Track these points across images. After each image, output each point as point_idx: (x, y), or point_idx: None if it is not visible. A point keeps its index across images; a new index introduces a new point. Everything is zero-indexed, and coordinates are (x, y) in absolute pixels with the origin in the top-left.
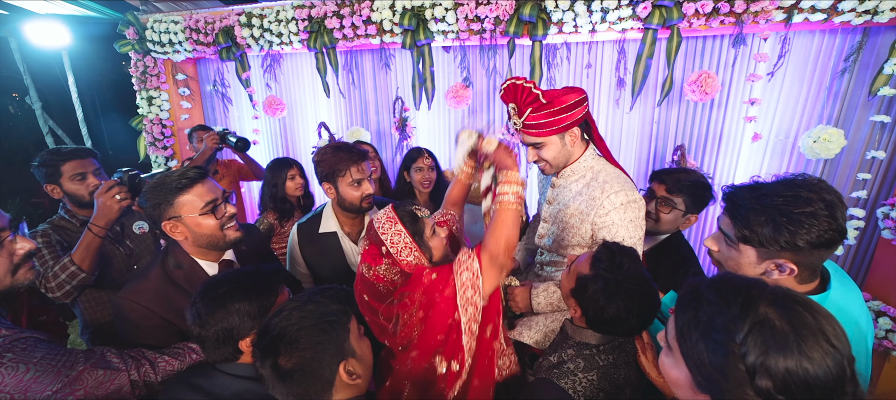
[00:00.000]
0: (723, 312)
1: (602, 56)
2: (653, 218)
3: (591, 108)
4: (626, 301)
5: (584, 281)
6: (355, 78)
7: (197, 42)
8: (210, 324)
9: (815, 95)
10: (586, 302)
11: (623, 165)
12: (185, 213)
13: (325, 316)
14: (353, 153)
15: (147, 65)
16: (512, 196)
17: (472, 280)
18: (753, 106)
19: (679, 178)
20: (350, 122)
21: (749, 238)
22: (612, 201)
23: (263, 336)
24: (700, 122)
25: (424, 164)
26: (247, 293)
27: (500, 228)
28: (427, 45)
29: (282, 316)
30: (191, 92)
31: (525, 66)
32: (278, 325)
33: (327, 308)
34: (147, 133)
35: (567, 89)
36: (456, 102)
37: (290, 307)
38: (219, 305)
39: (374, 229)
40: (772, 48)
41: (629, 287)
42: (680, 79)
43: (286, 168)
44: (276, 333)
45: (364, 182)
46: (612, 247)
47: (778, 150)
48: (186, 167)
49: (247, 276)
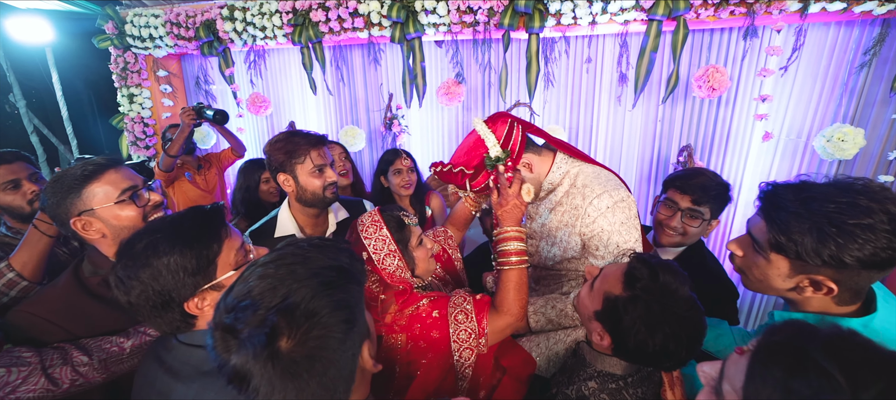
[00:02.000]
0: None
1: (603, 50)
2: (679, 232)
3: (591, 107)
4: (675, 329)
5: (617, 304)
6: (344, 74)
7: (178, 37)
8: (134, 288)
9: (830, 92)
10: (622, 331)
11: (625, 167)
12: (98, 204)
13: (343, 273)
14: (311, 137)
15: (127, 61)
16: (514, 258)
17: (467, 338)
18: (764, 103)
19: (704, 184)
20: (340, 120)
21: (784, 247)
22: (597, 207)
23: (239, 311)
24: (706, 121)
25: (403, 165)
26: (174, 242)
27: (511, 292)
28: (417, 39)
29: (268, 274)
30: (174, 89)
31: (521, 60)
32: (264, 291)
33: (340, 261)
34: (128, 132)
35: (479, 134)
36: (448, 99)
37: (281, 261)
38: (141, 264)
39: (357, 233)
40: (784, 41)
41: (678, 312)
42: (686, 74)
43: (259, 170)
44: (268, 303)
45: (327, 169)
46: (650, 261)
47: (789, 150)
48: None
49: (172, 221)
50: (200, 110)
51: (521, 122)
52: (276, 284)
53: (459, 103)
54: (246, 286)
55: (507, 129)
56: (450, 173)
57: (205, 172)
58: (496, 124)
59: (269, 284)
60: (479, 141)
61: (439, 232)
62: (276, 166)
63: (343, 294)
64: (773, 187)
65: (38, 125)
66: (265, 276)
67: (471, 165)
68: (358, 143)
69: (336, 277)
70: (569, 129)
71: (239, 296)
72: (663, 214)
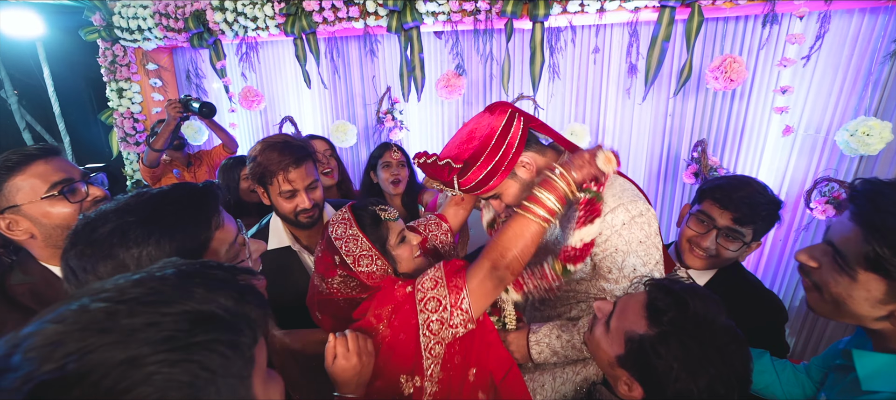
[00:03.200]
0: None
1: (611, 40)
2: (710, 254)
3: (598, 100)
4: (721, 369)
5: (644, 346)
6: (339, 67)
7: (167, 28)
8: (87, 284)
9: (852, 84)
10: (657, 378)
11: (634, 164)
12: (23, 200)
13: (209, 325)
14: (286, 155)
15: (116, 54)
16: (542, 211)
17: (439, 314)
18: (784, 95)
19: (751, 200)
20: (336, 115)
21: (885, 264)
22: (610, 224)
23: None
24: (720, 115)
25: (392, 158)
26: (150, 229)
27: (514, 238)
28: (415, 29)
29: (70, 318)
30: (164, 83)
31: (525, 51)
32: (44, 343)
33: (214, 303)
34: (118, 128)
35: (479, 118)
36: (448, 92)
37: (107, 294)
38: (102, 254)
39: (328, 233)
40: (804, 28)
41: (720, 347)
42: (698, 65)
43: (239, 167)
44: (35, 366)
45: (300, 194)
46: (672, 286)
47: (808, 145)
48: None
49: (151, 199)
50: (187, 103)
51: (524, 115)
52: (68, 335)
53: (460, 97)
54: (34, 328)
55: (506, 121)
56: (433, 166)
57: (194, 170)
58: (494, 113)
59: (56, 332)
60: (472, 133)
61: (431, 223)
62: (254, 178)
63: (193, 365)
64: (875, 185)
65: (31, 121)
66: (62, 318)
67: (461, 158)
68: (349, 139)
69: (187, 333)
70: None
71: (10, 344)
72: (694, 229)
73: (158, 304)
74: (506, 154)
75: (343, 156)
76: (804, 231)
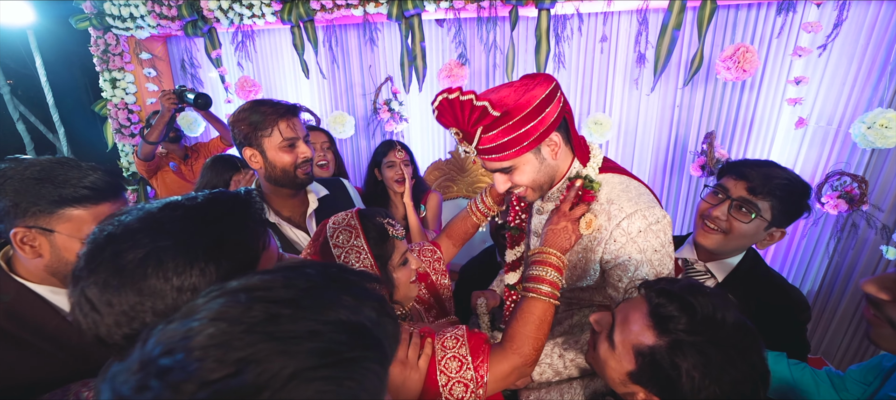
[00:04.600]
0: None
1: (619, 28)
2: (720, 227)
3: (604, 90)
4: (744, 370)
5: (657, 358)
6: (338, 56)
7: (160, 16)
8: (108, 316)
9: (866, 74)
10: (680, 390)
11: (639, 156)
12: (65, 231)
13: (362, 338)
14: (280, 105)
15: (108, 43)
16: (547, 288)
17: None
18: (798, 85)
19: (769, 173)
20: (335, 106)
21: None
22: (626, 230)
23: (155, 371)
24: (729, 106)
25: (397, 158)
26: (193, 254)
27: (529, 327)
28: (417, 16)
29: (228, 315)
30: (159, 73)
31: (530, 39)
32: (209, 345)
33: (362, 314)
34: (112, 119)
35: (527, 82)
36: (450, 83)
37: (260, 292)
38: (131, 283)
39: (325, 237)
40: (820, 15)
41: (739, 343)
42: (708, 55)
43: (230, 170)
44: (206, 371)
45: (299, 143)
46: (671, 289)
47: (819, 137)
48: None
49: (187, 214)
50: (181, 94)
51: (564, 97)
52: (234, 337)
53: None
54: (184, 327)
55: (549, 92)
56: (463, 105)
57: (192, 163)
58: (536, 83)
59: (221, 331)
60: (509, 94)
61: (426, 250)
62: (241, 139)
63: (353, 383)
64: None
65: (25, 112)
66: (222, 315)
67: (499, 106)
68: (346, 130)
69: (347, 346)
70: (579, 115)
71: (168, 342)
72: (708, 202)
73: (315, 309)
74: (540, 125)
75: (340, 147)
76: (813, 226)
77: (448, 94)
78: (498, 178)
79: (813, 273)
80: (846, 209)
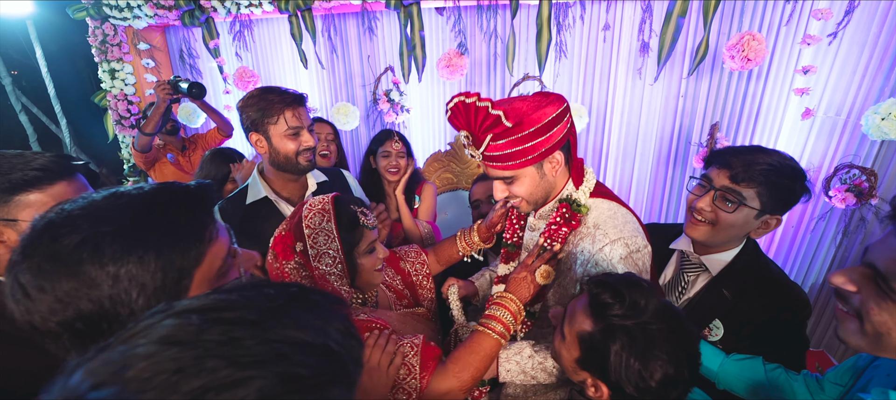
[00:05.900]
0: None
1: (623, 15)
2: (706, 219)
3: (607, 80)
4: (671, 348)
5: (595, 342)
6: (337, 46)
7: (157, 5)
8: (42, 304)
9: (877, 64)
10: (615, 372)
11: (642, 148)
12: (28, 218)
13: (328, 361)
14: (287, 94)
15: (106, 33)
16: (500, 327)
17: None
18: (806, 75)
19: (751, 160)
20: (335, 96)
21: None
22: (607, 256)
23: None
24: (734, 96)
25: (392, 148)
26: (132, 243)
27: (474, 357)
28: (415, 5)
29: (176, 338)
30: (158, 63)
31: (530, 28)
32: (157, 377)
33: (328, 335)
34: (112, 110)
35: (540, 99)
36: (450, 72)
37: (213, 312)
38: (65, 271)
39: (299, 216)
40: (830, 3)
41: (664, 327)
42: (714, 43)
43: (228, 163)
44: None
45: (303, 132)
46: (607, 280)
47: (826, 128)
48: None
49: (130, 203)
50: (176, 84)
51: (571, 120)
52: (187, 363)
53: (462, 77)
54: (121, 355)
55: (559, 111)
56: (477, 111)
57: (189, 154)
58: (549, 100)
59: (170, 358)
60: (522, 108)
61: (414, 257)
62: (248, 125)
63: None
64: None
65: (27, 103)
66: (171, 338)
67: (512, 117)
68: (351, 121)
69: (314, 369)
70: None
71: (100, 373)
72: (694, 193)
73: (278, 330)
74: (547, 142)
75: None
76: (820, 220)
77: (465, 97)
78: (497, 185)
79: (817, 267)
80: (854, 203)
